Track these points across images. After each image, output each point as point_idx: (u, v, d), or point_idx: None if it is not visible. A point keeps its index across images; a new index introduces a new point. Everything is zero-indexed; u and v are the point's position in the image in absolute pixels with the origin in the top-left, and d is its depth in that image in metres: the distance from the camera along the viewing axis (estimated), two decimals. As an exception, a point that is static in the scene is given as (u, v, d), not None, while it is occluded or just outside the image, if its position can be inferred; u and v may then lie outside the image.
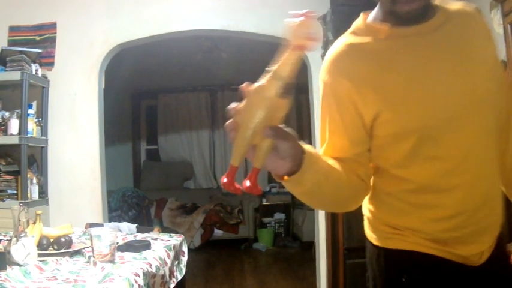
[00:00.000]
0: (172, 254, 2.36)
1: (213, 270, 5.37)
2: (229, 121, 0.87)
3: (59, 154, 3.91)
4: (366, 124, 1.12)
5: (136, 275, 1.76)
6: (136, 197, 6.63)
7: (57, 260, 1.95)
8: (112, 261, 1.92)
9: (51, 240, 2.12)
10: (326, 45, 3.80)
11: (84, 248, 2.15)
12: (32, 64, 3.70)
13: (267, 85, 0.86)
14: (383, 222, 1.21)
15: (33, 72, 3.70)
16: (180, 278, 2.45)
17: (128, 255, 2.09)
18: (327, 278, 3.84)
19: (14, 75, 3.56)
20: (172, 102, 7.85)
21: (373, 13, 1.19)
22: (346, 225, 3.52)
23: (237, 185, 0.91)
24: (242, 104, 0.86)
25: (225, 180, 0.91)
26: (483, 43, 1.16)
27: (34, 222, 2.13)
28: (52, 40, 3.97)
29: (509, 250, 1.27)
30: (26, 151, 3.54)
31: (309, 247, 5.54)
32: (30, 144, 3.61)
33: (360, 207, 1.28)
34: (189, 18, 4.04)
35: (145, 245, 2.26)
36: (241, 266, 5.57)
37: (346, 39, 1.18)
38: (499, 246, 1.19)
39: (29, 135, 3.60)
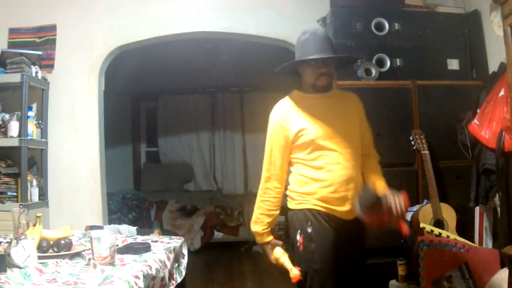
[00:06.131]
0: (172, 256, 2.36)
1: (213, 272, 5.36)
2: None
3: (59, 156, 3.91)
4: (290, 138, 2.26)
5: (136, 277, 1.76)
6: (137, 199, 6.62)
7: (57, 262, 1.94)
8: (112, 264, 1.91)
9: (51, 242, 2.12)
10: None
11: (84, 250, 2.15)
12: (32, 66, 3.71)
13: None
14: (296, 193, 2.27)
15: (33, 74, 3.71)
16: (179, 280, 2.44)
17: (128, 257, 2.09)
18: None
19: (14, 78, 3.56)
20: (173, 104, 7.85)
21: (302, 88, 2.35)
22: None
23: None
24: None
25: None
26: (353, 109, 2.36)
27: (34, 225, 2.12)
28: (52, 42, 3.97)
29: None
30: (26, 153, 3.54)
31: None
32: (30, 146, 3.61)
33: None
34: (189, 20, 4.05)
35: (145, 248, 2.25)
36: (241, 269, 5.56)
37: (287, 100, 2.35)
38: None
39: (29, 138, 3.60)
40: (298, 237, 2.21)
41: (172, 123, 7.85)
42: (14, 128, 3.57)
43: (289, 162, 2.31)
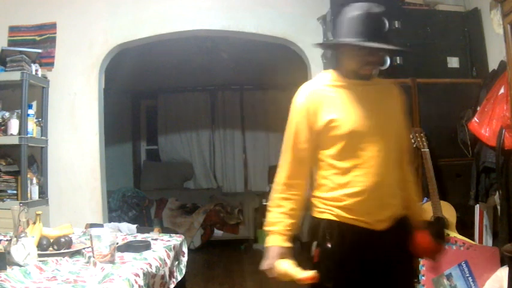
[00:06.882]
0: (172, 254, 2.36)
1: (213, 270, 5.37)
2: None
3: (59, 154, 3.91)
4: (317, 128, 1.86)
5: (136, 275, 1.76)
6: (137, 197, 6.62)
7: (57, 260, 1.94)
8: (112, 262, 1.92)
9: (51, 240, 2.12)
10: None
11: (84, 248, 2.15)
12: (32, 64, 3.70)
13: None
14: (319, 199, 1.90)
15: (33, 73, 3.71)
16: (179, 278, 2.45)
17: (128, 255, 2.09)
18: (327, 278, 3.83)
19: (14, 76, 3.56)
20: (172, 102, 7.85)
21: (339, 70, 1.93)
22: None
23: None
24: None
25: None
26: (395, 105, 1.96)
27: (34, 223, 2.13)
28: (52, 40, 3.97)
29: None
30: (26, 151, 3.54)
31: (309, 248, 5.53)
32: (30, 144, 3.61)
33: None
34: (189, 18, 4.05)
35: (145, 246, 2.26)
36: (241, 266, 5.56)
37: (319, 80, 1.96)
38: (400, 223, 1.87)
39: (29, 136, 3.60)
40: (313, 248, 1.90)
41: (172, 122, 7.85)
42: (14, 126, 3.56)
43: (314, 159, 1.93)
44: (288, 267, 1.82)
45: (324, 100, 1.86)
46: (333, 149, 1.84)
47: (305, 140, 1.88)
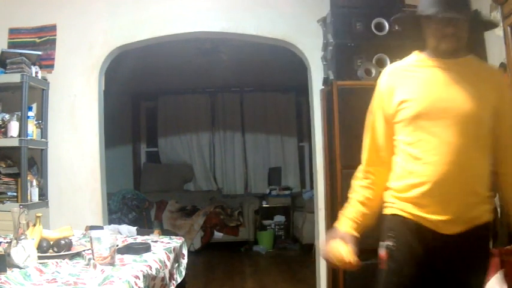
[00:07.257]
0: (172, 256, 2.36)
1: (213, 272, 5.37)
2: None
3: (59, 156, 3.91)
4: (391, 110, 1.76)
5: (137, 277, 1.76)
6: (137, 199, 6.62)
7: (57, 262, 1.94)
8: (112, 264, 1.91)
9: (51, 242, 2.12)
10: (326, 47, 3.80)
11: (84, 251, 2.15)
12: (32, 66, 3.70)
13: None
14: (389, 191, 1.77)
15: (33, 75, 3.70)
16: (179, 280, 2.44)
17: (128, 257, 2.09)
18: (327, 280, 3.83)
19: (14, 78, 3.55)
20: (172, 104, 7.86)
21: (426, 51, 1.80)
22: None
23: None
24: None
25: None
26: (490, 90, 1.70)
27: (34, 225, 2.12)
28: (52, 42, 3.97)
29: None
30: (26, 153, 3.53)
31: (309, 249, 5.54)
32: (30, 146, 3.61)
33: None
34: (189, 20, 4.05)
35: (146, 248, 2.25)
36: (242, 269, 5.56)
37: (402, 61, 1.85)
38: (479, 230, 1.67)
39: (29, 138, 3.59)
40: (380, 252, 1.76)
41: (172, 123, 7.86)
42: (14, 128, 3.56)
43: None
44: (342, 251, 1.74)
45: (401, 80, 1.77)
46: (404, 132, 1.72)
47: (380, 125, 1.81)
